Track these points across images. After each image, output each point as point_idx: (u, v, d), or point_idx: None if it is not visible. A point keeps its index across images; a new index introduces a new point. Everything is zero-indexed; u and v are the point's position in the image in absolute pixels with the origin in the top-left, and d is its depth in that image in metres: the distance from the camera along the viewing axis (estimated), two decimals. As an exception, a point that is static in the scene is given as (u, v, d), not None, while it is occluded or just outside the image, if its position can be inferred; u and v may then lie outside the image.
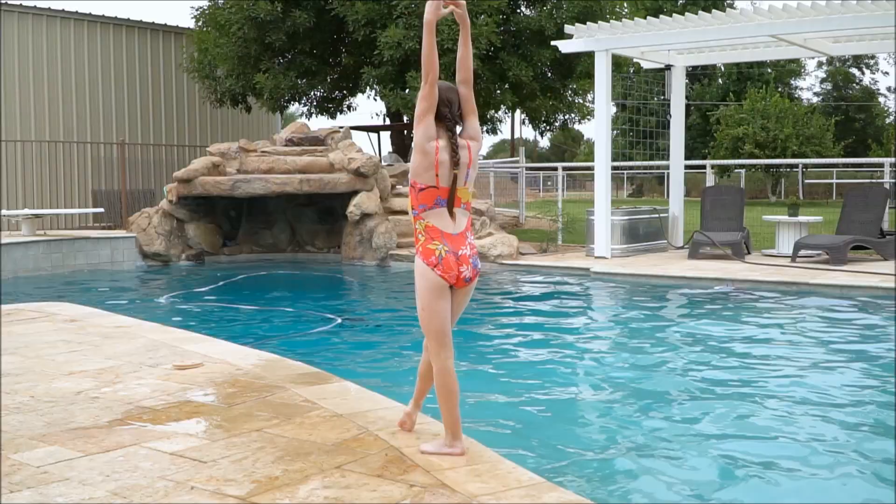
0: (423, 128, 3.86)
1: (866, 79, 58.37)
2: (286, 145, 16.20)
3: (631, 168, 35.12)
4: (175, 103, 23.04)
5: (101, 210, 17.71)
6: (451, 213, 3.92)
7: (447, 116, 3.93)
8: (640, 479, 4.60)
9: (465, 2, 3.96)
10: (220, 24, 18.40)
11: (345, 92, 21.09)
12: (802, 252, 13.00)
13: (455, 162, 3.89)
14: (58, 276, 13.63)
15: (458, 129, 4.00)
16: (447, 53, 16.33)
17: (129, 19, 22.02)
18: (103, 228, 17.41)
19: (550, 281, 12.49)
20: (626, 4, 19.95)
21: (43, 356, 6.12)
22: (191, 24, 21.67)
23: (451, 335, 3.95)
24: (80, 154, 20.37)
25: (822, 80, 57.69)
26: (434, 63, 3.82)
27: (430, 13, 3.79)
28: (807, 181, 34.47)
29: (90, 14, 21.24)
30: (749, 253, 13.92)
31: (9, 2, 19.72)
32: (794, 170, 34.21)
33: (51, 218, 18.39)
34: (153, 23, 22.58)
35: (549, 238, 16.07)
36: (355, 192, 14.74)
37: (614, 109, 29.41)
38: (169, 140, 22.39)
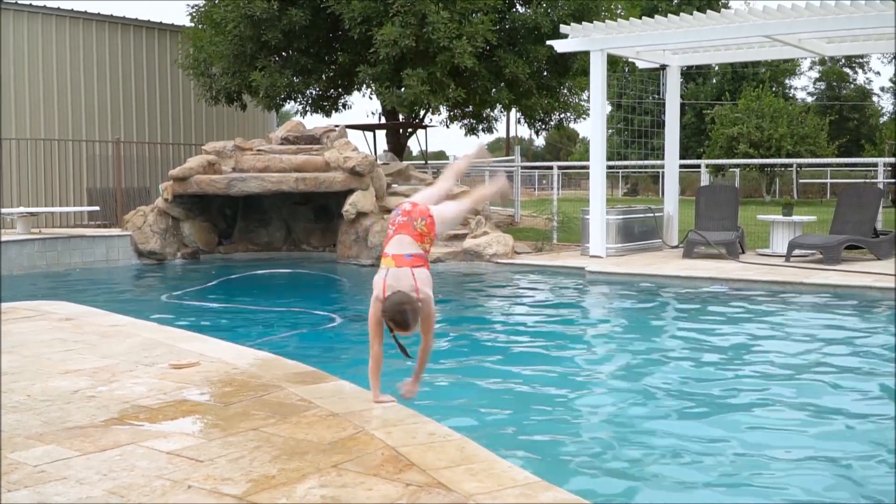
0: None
1: (860, 78, 58.49)
2: (282, 144, 16.20)
3: (626, 167, 35.15)
4: (170, 101, 23.02)
5: (97, 208, 17.69)
6: None
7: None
8: (637, 480, 4.62)
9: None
10: (216, 21, 18.38)
11: (340, 90, 21.07)
12: (796, 252, 13.05)
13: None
14: (53, 275, 13.62)
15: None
16: (443, 52, 16.39)
17: (124, 17, 21.99)
18: (99, 227, 17.40)
19: (545, 280, 12.51)
20: (621, 4, 19.87)
21: (39, 355, 6.12)
22: (186, 21, 21.65)
23: None
24: (75, 152, 20.33)
25: (816, 80, 57.73)
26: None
27: None
28: (801, 181, 34.54)
29: (86, 12, 21.22)
30: (743, 252, 13.94)
31: (4, 0, 19.69)
32: (789, 169, 34.28)
33: (46, 216, 18.37)
34: (149, 21, 22.55)
35: (544, 237, 16.09)
36: (351, 191, 14.75)
37: (609, 108, 29.41)
38: (164, 138, 22.37)
